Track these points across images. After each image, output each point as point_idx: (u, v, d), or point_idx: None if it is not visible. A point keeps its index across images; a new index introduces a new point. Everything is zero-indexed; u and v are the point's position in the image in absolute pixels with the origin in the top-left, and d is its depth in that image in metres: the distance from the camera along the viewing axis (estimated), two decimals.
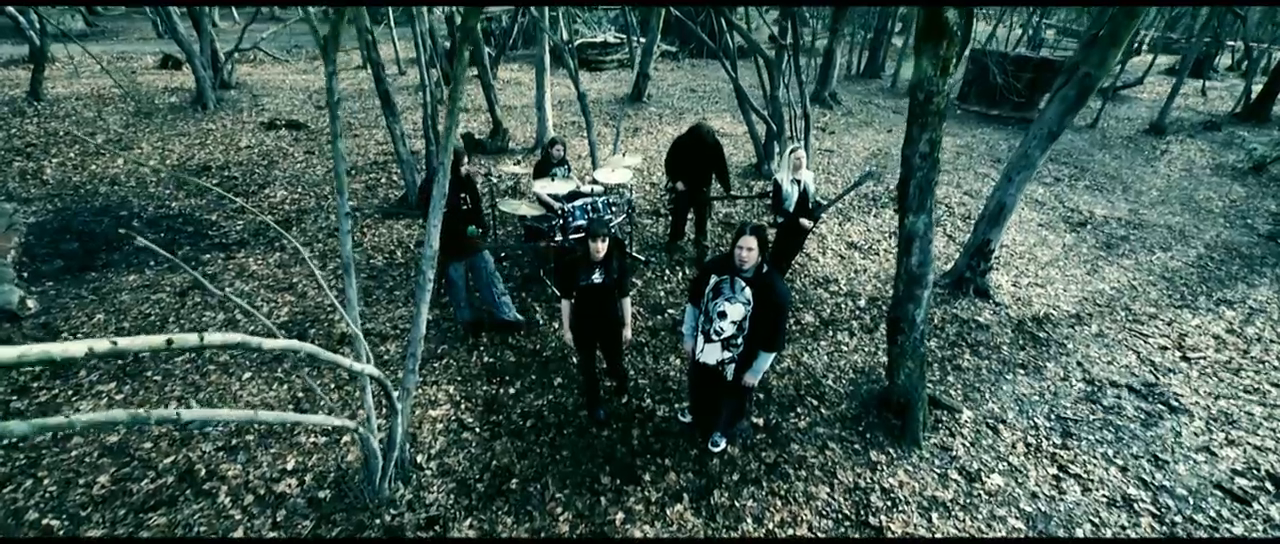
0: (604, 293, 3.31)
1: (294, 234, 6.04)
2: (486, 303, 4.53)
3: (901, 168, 3.29)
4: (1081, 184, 9.09)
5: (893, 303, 3.66)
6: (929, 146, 3.11)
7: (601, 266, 3.27)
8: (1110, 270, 6.26)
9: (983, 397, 4.20)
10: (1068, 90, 4.65)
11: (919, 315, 3.53)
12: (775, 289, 2.90)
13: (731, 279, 2.98)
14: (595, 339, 3.50)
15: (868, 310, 5.21)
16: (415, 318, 2.89)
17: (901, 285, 3.52)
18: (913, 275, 3.44)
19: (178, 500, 3.04)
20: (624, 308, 3.50)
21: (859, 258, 6.18)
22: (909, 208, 3.31)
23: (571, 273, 3.31)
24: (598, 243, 3.17)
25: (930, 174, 3.18)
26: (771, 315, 2.93)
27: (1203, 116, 13.96)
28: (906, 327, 3.57)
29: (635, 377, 4.23)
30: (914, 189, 3.24)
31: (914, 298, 3.49)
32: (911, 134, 3.14)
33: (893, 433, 3.78)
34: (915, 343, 3.61)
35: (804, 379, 4.28)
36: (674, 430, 3.75)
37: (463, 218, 4.10)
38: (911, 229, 3.34)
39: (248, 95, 11.27)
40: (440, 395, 3.94)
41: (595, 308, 3.35)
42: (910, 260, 3.41)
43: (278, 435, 3.50)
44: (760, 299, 2.91)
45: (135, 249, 5.46)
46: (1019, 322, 5.16)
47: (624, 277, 3.41)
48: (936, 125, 3.06)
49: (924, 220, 3.30)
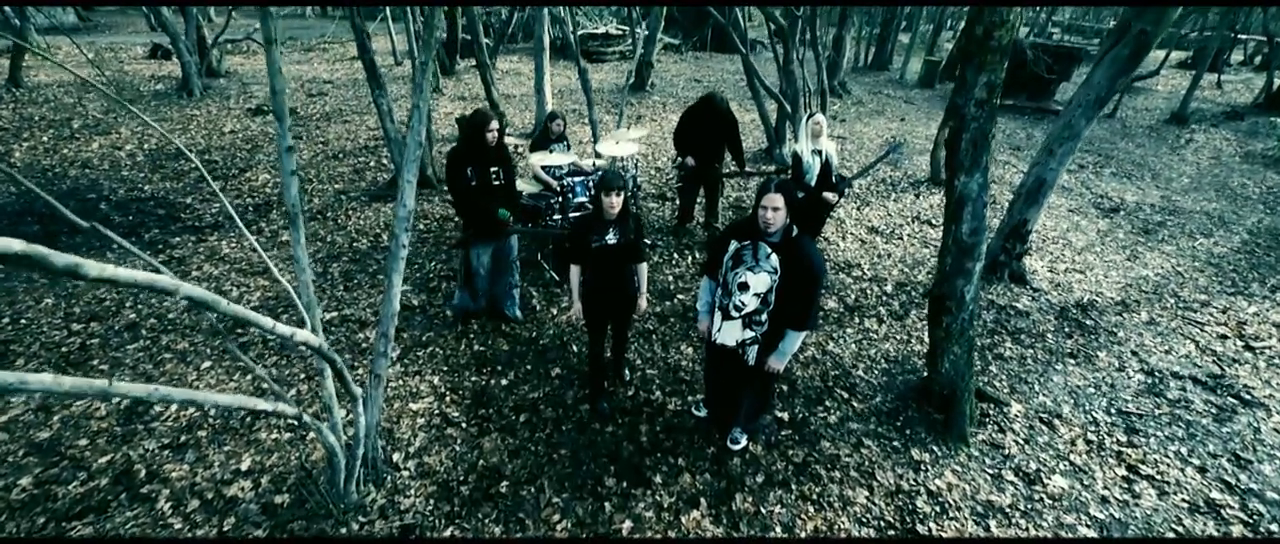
0: (619, 256, 2.92)
1: (274, 215, 5.62)
2: (495, 293, 4.10)
3: (950, 121, 2.85)
4: (1107, 171, 8.65)
5: (937, 278, 3.22)
6: (986, 92, 2.67)
7: (616, 226, 2.87)
8: (1152, 256, 5.81)
9: (1031, 388, 3.75)
10: (1120, 49, 4.21)
11: (969, 292, 3.09)
12: (808, 255, 2.46)
13: (754, 245, 2.54)
14: (608, 312, 3.10)
15: (896, 296, 4.76)
16: (387, 291, 2.46)
17: (949, 257, 3.08)
18: (964, 245, 2.99)
19: (109, 506, 2.60)
20: (640, 274, 3.09)
21: (882, 243, 5.73)
22: (960, 166, 2.86)
23: (583, 234, 2.90)
24: (612, 197, 2.77)
25: (986, 125, 2.74)
26: (803, 286, 2.48)
27: (1222, 107, 13.53)
28: (954, 305, 3.12)
29: (642, 366, 3.79)
30: (966, 144, 2.80)
31: (964, 271, 3.04)
32: (965, 78, 2.70)
33: (935, 428, 3.33)
34: (964, 324, 3.16)
35: (831, 369, 3.83)
36: (687, 426, 3.30)
37: (494, 196, 3.56)
38: (963, 191, 2.90)
39: (237, 83, 10.87)
40: (422, 387, 3.50)
41: (609, 273, 2.96)
42: (961, 228, 2.97)
43: (233, 432, 3.06)
44: (790, 267, 2.47)
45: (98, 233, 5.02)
46: (1061, 308, 4.71)
47: (640, 238, 3.00)
48: (997, 66, 2.62)
49: (978, 180, 2.85)
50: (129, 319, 3.93)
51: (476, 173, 3.48)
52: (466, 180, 3.47)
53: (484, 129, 3.40)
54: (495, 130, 3.44)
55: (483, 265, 3.79)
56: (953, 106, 2.82)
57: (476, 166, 3.47)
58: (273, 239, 5.15)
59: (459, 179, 3.47)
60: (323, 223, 5.52)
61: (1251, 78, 18.54)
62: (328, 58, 14.28)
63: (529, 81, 12.10)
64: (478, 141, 3.42)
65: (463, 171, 3.46)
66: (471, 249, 3.72)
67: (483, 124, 3.40)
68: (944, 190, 3.04)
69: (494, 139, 3.45)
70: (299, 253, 2.07)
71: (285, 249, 4.99)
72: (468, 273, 3.84)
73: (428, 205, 6.02)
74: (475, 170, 3.47)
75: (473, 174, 3.47)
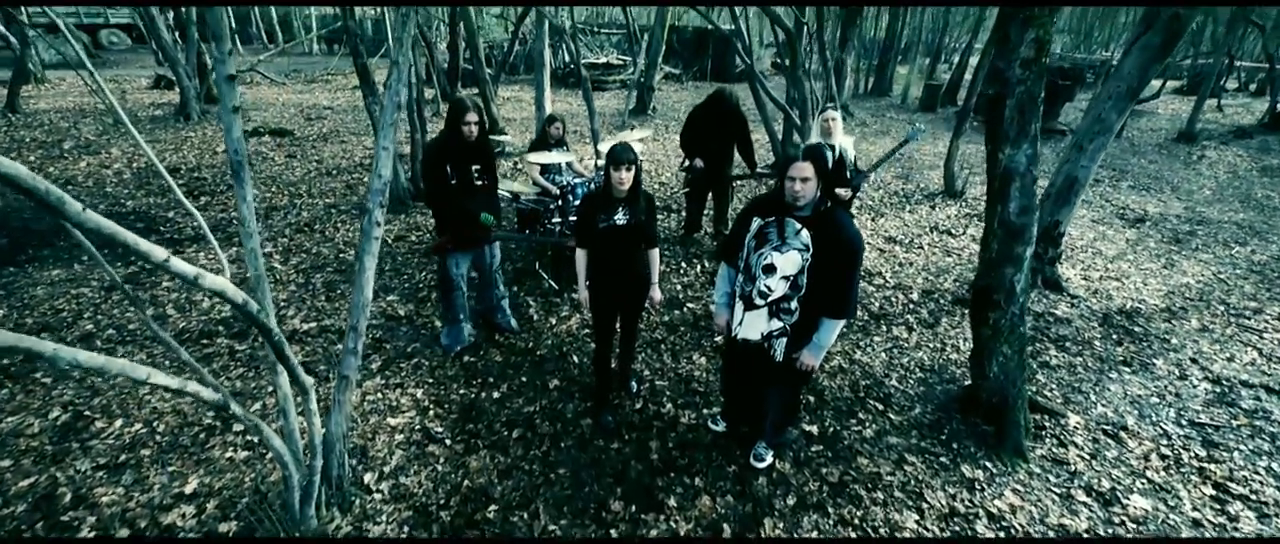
0: (629, 237, 2.61)
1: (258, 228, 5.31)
2: (483, 306, 3.74)
3: (991, 86, 2.56)
4: (1125, 184, 8.39)
5: (980, 268, 2.87)
6: (1035, 50, 2.38)
7: (626, 205, 2.57)
8: (1188, 264, 5.46)
9: (1087, 398, 3.34)
10: (1151, 37, 3.97)
11: (1020, 281, 2.73)
12: (844, 227, 2.13)
13: (780, 221, 2.21)
14: (617, 301, 2.76)
15: (923, 304, 4.40)
16: (358, 276, 2.12)
17: (995, 243, 2.74)
18: (1012, 227, 2.65)
19: (20, 535, 2.19)
20: (652, 261, 2.75)
21: (901, 252, 5.40)
22: (1005, 137, 2.55)
23: (590, 213, 2.59)
24: (621, 171, 2.47)
25: (1035, 87, 2.45)
26: (840, 264, 2.14)
27: (1227, 128, 13.41)
28: (1002, 298, 2.76)
29: (650, 377, 3.40)
30: (1012, 111, 2.50)
31: (1013, 258, 2.69)
32: (1008, 36, 2.42)
33: (986, 442, 2.92)
34: (1013, 320, 2.79)
35: (861, 379, 3.44)
36: (704, 442, 2.90)
37: (474, 197, 3.19)
38: (1009, 165, 2.58)
39: None
40: (403, 400, 3.11)
41: (618, 258, 2.64)
42: (1008, 207, 2.64)
43: (182, 450, 2.66)
44: (823, 243, 2.14)
45: (69, 245, 4.73)
46: (1104, 315, 4.33)
47: (652, 219, 2.69)
48: (1046, 20, 2.35)
49: (1026, 152, 2.54)
50: (85, 330, 3.57)
51: (456, 170, 3.12)
52: (445, 178, 3.12)
53: (461, 119, 3.04)
54: (474, 122, 3.06)
55: (461, 276, 3.38)
56: (994, 71, 2.53)
57: (455, 163, 3.12)
58: None
59: (437, 176, 3.11)
60: (309, 235, 5.22)
61: (1250, 102, 18.57)
62: (330, 88, 14.33)
63: (530, 106, 12.05)
64: (456, 134, 3.07)
65: (441, 168, 3.10)
66: (449, 257, 3.32)
67: (459, 113, 3.04)
68: (987, 167, 2.72)
69: (472, 133, 3.06)
70: (245, 212, 1.74)
71: (266, 260, 4.67)
72: (445, 286, 3.41)
73: (421, 218, 5.73)
74: (454, 168, 3.12)
75: (452, 172, 3.12)
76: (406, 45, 2.12)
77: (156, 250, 1.20)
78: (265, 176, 6.86)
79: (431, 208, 3.34)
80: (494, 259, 3.56)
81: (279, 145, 8.29)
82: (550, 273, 4.49)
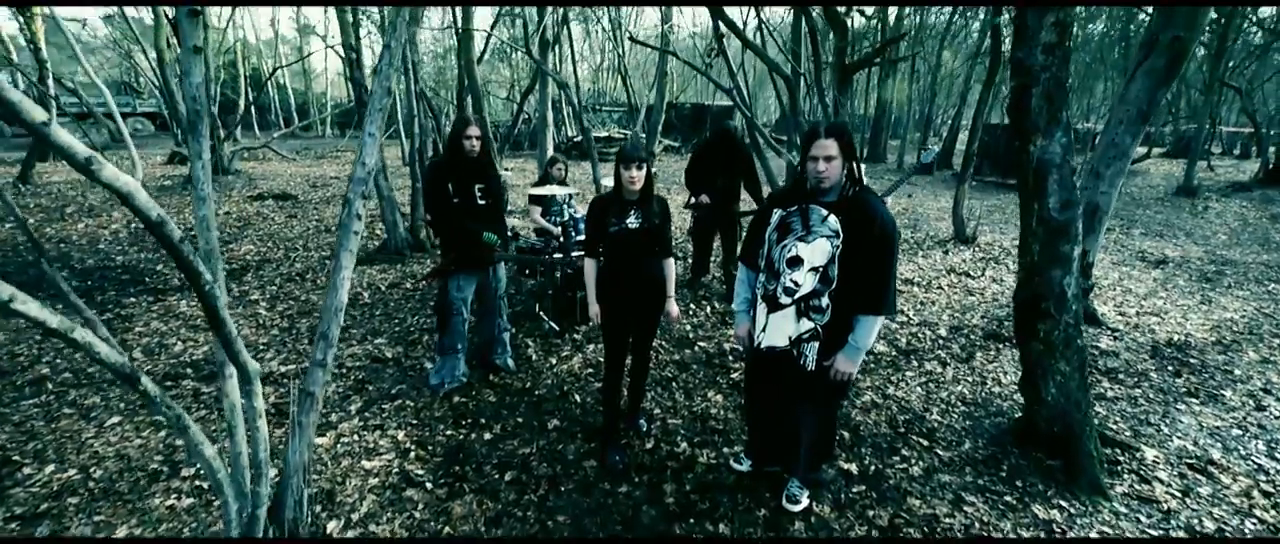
0: (642, 243, 2.41)
1: (249, 278, 5.11)
2: (482, 338, 3.45)
3: (1013, 77, 2.42)
4: (1136, 231, 8.26)
5: (1021, 277, 2.60)
6: (1057, 33, 2.27)
7: (638, 208, 2.39)
8: (1227, 300, 5.16)
9: (1159, 431, 2.94)
10: (1154, 61, 3.93)
11: (1070, 285, 2.45)
12: (877, 210, 1.90)
13: (804, 209, 1.98)
14: (630, 316, 2.51)
15: (952, 340, 4.07)
16: (334, 275, 1.87)
17: (1036, 245, 2.49)
18: (1053, 224, 2.42)
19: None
20: (667, 271, 2.52)
21: (919, 292, 5.13)
22: (1033, 129, 2.38)
23: (600, 218, 2.41)
24: (632, 170, 2.31)
25: (1061, 72, 2.30)
26: (875, 252, 1.89)
27: (1224, 183, 13.53)
28: (1052, 306, 2.47)
29: (662, 416, 3.03)
30: (1039, 100, 2.34)
31: (1059, 258, 2.43)
32: (1026, 23, 2.31)
33: (1054, 478, 2.51)
34: (1068, 331, 2.48)
35: (898, 414, 3.06)
36: (727, 483, 2.49)
37: (478, 217, 3.02)
38: (1042, 157, 2.38)
39: (244, 179, 10.98)
40: (382, 442, 2.73)
41: (630, 266, 2.43)
42: (1047, 202, 2.41)
43: (117, 497, 2.27)
44: (854, 229, 1.90)
45: (47, 294, 4.50)
46: (1152, 347, 3.99)
47: (666, 224, 2.49)
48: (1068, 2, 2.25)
49: (1060, 141, 2.36)
50: (40, 374, 3.25)
51: (458, 189, 2.98)
52: (447, 196, 2.97)
53: (462, 133, 2.93)
54: (475, 137, 2.94)
55: (463, 300, 3.12)
56: (1016, 63, 2.40)
57: (457, 182, 2.98)
58: (240, 298, 4.60)
59: (438, 195, 2.97)
60: (299, 283, 5.00)
61: (1238, 163, 18.97)
62: (338, 161, 14.72)
63: (533, 174, 12.25)
64: (458, 151, 2.95)
65: (443, 187, 2.96)
66: (451, 280, 3.10)
67: (460, 129, 2.94)
68: (1016, 165, 2.52)
69: (474, 148, 2.94)
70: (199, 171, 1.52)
71: (252, 307, 4.42)
72: (443, 311, 3.15)
73: (417, 267, 5.53)
74: (457, 186, 2.98)
75: (454, 190, 2.97)
76: (400, 32, 2.00)
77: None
78: (263, 233, 6.76)
79: (433, 229, 3.15)
80: (499, 284, 3.31)
81: (281, 207, 8.28)
82: (551, 315, 4.21)
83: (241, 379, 1.57)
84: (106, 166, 1.07)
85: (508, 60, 22.22)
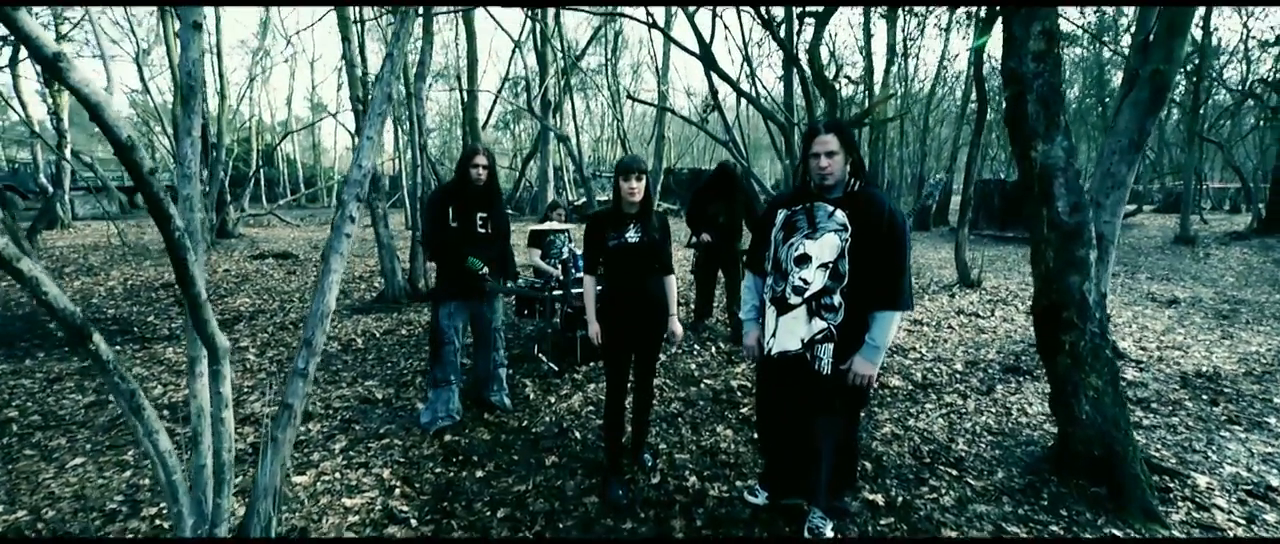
0: (642, 257, 2.35)
1: (241, 327, 4.98)
2: (478, 373, 3.28)
3: (1007, 88, 2.43)
4: (1142, 276, 8.19)
5: (1038, 287, 2.49)
6: (1045, 41, 2.30)
7: (637, 222, 2.35)
8: (1248, 335, 5.00)
9: (1206, 457, 2.73)
10: (1139, 93, 4.00)
11: (1091, 291, 2.35)
12: (884, 203, 1.85)
13: (810, 207, 1.93)
14: (631, 334, 2.41)
15: (970, 374, 3.89)
16: (322, 279, 1.79)
17: (1049, 252, 2.40)
18: (1065, 228, 2.34)
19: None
20: (669, 288, 2.46)
21: (931, 332, 4.99)
22: (1032, 133, 2.35)
23: (598, 233, 2.36)
24: (631, 181, 2.28)
25: (1053, 78, 2.31)
26: (886, 244, 1.82)
27: (1220, 233, 13.63)
28: (1074, 314, 2.35)
29: (668, 450, 2.82)
30: (1035, 106, 2.34)
31: (1075, 263, 2.34)
32: (1014, 33, 2.35)
33: (1102, 506, 2.28)
34: (1095, 342, 2.35)
35: (922, 444, 2.85)
36: (742, 517, 2.27)
37: (477, 245, 2.95)
38: (1046, 162, 2.35)
39: (247, 242, 11.06)
40: (366, 480, 2.52)
41: (631, 282, 2.36)
42: (1055, 207, 2.35)
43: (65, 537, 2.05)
44: (863, 222, 1.84)
45: (30, 345, 4.37)
46: (1181, 377, 3.80)
47: (666, 240, 2.44)
48: (1051, 12, 2.30)
49: (1062, 145, 2.33)
50: (6, 417, 3.07)
51: (459, 214, 2.95)
52: (444, 220, 2.93)
53: (470, 162, 2.95)
54: (482, 166, 2.95)
55: (454, 329, 2.99)
56: (1009, 73, 2.42)
57: (459, 207, 2.95)
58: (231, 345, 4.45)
59: (435, 217, 2.94)
60: (291, 332, 4.86)
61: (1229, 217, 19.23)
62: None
63: None
64: (464, 178, 2.96)
65: (443, 211, 2.94)
66: (442, 306, 2.98)
67: (469, 155, 2.98)
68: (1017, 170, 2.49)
69: (480, 177, 2.94)
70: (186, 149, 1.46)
71: (241, 352, 4.27)
72: (435, 339, 3.01)
73: (414, 315, 5.41)
74: (458, 211, 2.95)
75: (454, 215, 2.94)
76: (403, 42, 2.03)
77: None
78: (260, 288, 6.69)
79: (428, 254, 3.08)
80: (494, 316, 3.17)
81: (281, 265, 8.27)
82: (550, 356, 4.05)
83: (210, 358, 1.44)
84: (76, 69, 1.01)
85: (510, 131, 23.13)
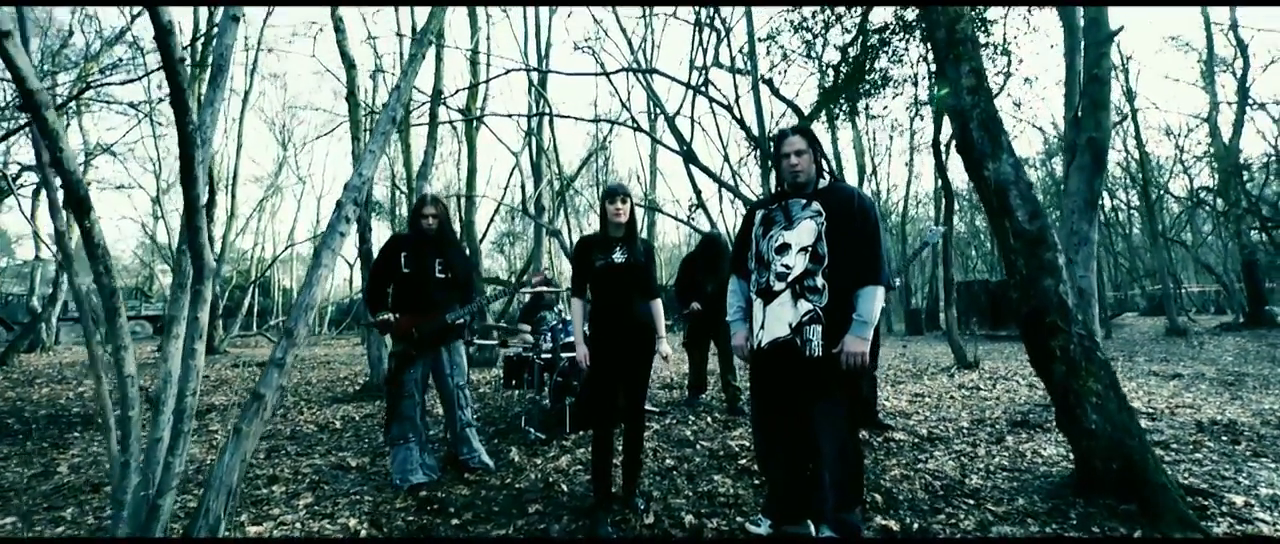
0: (628, 278, 2.41)
1: (212, 415, 4.73)
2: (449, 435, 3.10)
3: (952, 121, 2.69)
4: (1140, 359, 8.15)
5: (1018, 298, 2.51)
6: (974, 78, 2.59)
7: (623, 244, 2.43)
8: (1258, 397, 4.89)
9: (1237, 482, 2.56)
10: (1081, 159, 4.38)
11: (1067, 293, 2.39)
12: (852, 190, 1.99)
13: (784, 204, 2.05)
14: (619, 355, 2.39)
15: (978, 429, 3.73)
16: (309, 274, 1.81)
17: (1020, 261, 2.47)
18: (1028, 235, 2.44)
19: None
20: (656, 311, 2.48)
21: (932, 401, 4.84)
22: (982, 154, 2.55)
23: (585, 255, 2.44)
24: (617, 203, 2.40)
25: (988, 107, 2.57)
26: (860, 224, 1.91)
27: (1209, 327, 13.80)
28: (1058, 319, 2.36)
29: (664, 496, 2.60)
30: (978, 131, 2.57)
31: (1046, 266, 2.40)
32: (945, 73, 2.66)
33: (1134, 520, 2.09)
34: (1085, 344, 2.34)
35: (934, 481, 2.65)
36: None
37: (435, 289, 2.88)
38: (998, 179, 2.51)
39: (230, 359, 10.84)
40: (331, 528, 2.28)
41: (618, 301, 2.40)
42: (1015, 217, 2.47)
43: None
44: (835, 208, 1.96)
45: None
46: (1197, 424, 3.66)
47: (651, 264, 2.51)
48: (973, 52, 2.62)
49: (1009, 161, 2.52)
50: None
51: (412, 259, 2.88)
52: (394, 265, 2.86)
53: (419, 213, 2.92)
54: (432, 215, 2.92)
55: (414, 381, 2.84)
56: (950, 109, 2.69)
57: (412, 252, 2.90)
58: (200, 429, 4.21)
59: (381, 260, 2.91)
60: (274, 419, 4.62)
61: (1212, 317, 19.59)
62: (329, 346, 14.75)
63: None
64: (416, 227, 2.93)
65: (393, 255, 2.89)
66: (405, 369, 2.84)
67: (419, 205, 2.96)
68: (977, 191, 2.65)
69: (431, 226, 2.90)
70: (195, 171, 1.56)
71: (210, 435, 4.03)
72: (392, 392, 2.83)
73: None
74: (410, 258, 2.89)
75: (407, 261, 2.88)
76: (411, 78, 2.27)
77: None
78: (239, 388, 6.47)
79: (367, 305, 3.01)
80: (454, 371, 2.97)
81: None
82: (538, 428, 3.85)
83: (195, 277, 1.41)
84: None
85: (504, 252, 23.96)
